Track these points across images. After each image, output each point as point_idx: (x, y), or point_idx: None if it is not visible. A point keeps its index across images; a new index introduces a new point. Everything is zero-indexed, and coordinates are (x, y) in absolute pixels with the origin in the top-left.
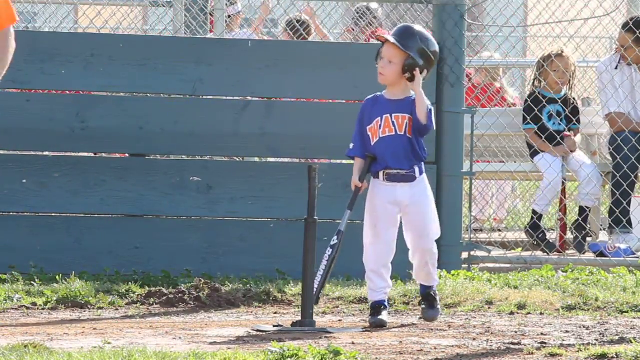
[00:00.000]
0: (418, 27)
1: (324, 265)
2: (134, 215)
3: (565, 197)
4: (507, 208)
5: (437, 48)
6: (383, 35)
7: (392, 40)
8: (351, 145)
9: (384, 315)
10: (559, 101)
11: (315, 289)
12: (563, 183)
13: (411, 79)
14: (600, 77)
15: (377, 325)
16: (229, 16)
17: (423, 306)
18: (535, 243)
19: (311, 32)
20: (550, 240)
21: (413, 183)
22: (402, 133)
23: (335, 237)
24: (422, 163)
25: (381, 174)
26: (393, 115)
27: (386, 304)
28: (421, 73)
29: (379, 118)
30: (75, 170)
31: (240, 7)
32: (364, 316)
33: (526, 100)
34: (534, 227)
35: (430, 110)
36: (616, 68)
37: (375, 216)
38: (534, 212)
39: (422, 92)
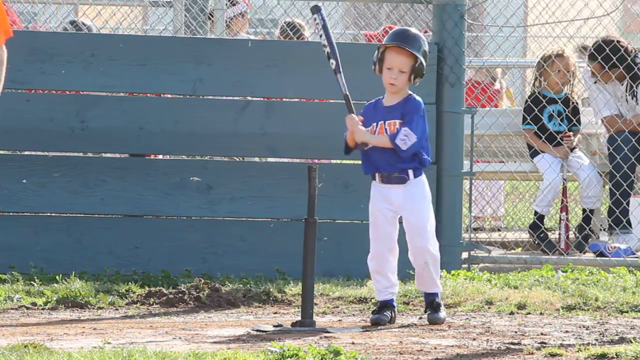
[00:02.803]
0: (413, 29)
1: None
2: (134, 215)
3: (566, 198)
4: (506, 208)
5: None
6: (391, 42)
7: (404, 46)
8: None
9: (387, 315)
10: (559, 101)
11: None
12: (563, 183)
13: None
14: (588, 87)
15: (375, 323)
16: (231, 18)
17: (428, 312)
18: (536, 242)
19: (305, 35)
20: (552, 240)
21: (406, 185)
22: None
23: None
24: (421, 166)
25: (377, 175)
26: (386, 122)
27: (393, 303)
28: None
29: (375, 124)
30: (75, 170)
31: (243, 7)
32: (364, 316)
33: (526, 101)
34: (535, 226)
35: (394, 138)
36: (595, 82)
37: (373, 216)
38: (535, 212)
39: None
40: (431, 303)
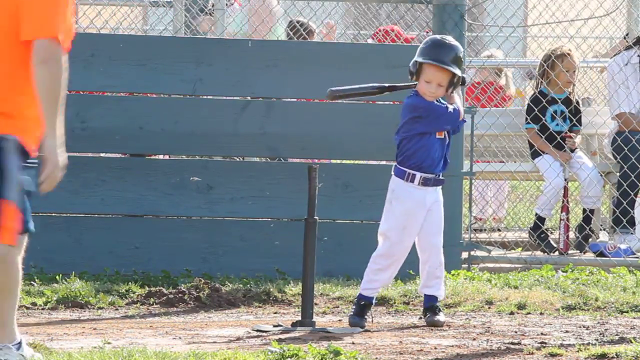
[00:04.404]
0: (449, 38)
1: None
2: (134, 215)
3: (566, 198)
4: (507, 208)
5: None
6: (430, 62)
7: (443, 66)
8: (450, 108)
9: (366, 318)
10: (560, 101)
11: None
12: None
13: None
14: (613, 77)
15: (355, 325)
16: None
17: (428, 315)
18: (537, 243)
19: (312, 35)
20: (552, 241)
21: (439, 187)
22: (444, 136)
23: None
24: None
25: (418, 177)
26: None
27: (374, 301)
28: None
29: None
30: (75, 170)
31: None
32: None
33: (528, 100)
34: (536, 227)
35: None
36: None
37: (408, 221)
38: (536, 214)
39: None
40: (431, 306)
